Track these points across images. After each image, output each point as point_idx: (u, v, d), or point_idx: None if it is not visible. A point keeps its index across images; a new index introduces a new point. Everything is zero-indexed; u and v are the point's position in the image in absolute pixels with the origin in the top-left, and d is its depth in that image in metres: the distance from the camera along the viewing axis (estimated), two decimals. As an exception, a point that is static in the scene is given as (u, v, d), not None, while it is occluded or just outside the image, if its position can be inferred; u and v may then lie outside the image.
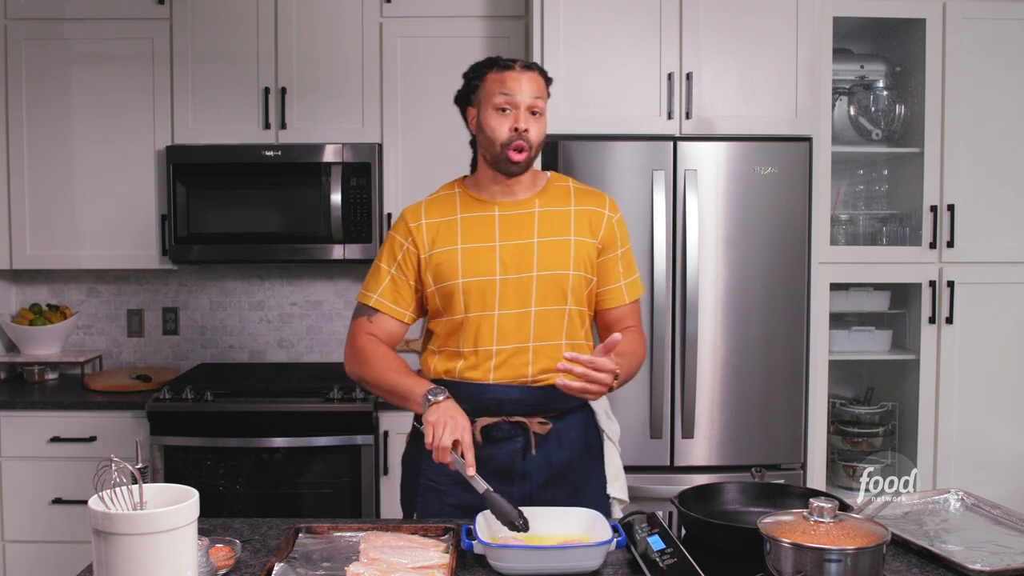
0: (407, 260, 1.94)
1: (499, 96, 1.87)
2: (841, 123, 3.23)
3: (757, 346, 2.84)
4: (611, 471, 2.02)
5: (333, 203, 3.17)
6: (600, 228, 1.96)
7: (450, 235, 1.92)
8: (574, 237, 1.92)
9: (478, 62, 1.95)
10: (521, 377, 1.89)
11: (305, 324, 3.61)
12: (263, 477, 2.98)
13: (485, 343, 1.88)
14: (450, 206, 1.97)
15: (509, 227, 1.92)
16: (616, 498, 2.01)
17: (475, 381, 1.89)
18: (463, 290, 1.88)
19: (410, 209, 1.99)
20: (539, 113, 1.90)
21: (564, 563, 1.52)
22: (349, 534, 1.69)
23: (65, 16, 3.24)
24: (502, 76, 1.88)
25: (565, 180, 2.02)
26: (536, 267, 1.89)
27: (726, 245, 2.82)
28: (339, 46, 3.24)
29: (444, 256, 1.90)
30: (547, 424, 1.90)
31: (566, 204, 1.96)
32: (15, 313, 3.56)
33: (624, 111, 2.85)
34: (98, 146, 3.27)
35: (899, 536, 1.64)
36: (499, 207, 1.94)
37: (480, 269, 1.88)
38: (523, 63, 1.90)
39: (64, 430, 3.05)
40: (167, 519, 1.26)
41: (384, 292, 1.95)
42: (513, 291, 1.88)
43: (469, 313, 1.88)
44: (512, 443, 1.89)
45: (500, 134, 1.87)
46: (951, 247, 3.04)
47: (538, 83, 1.90)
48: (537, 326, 1.88)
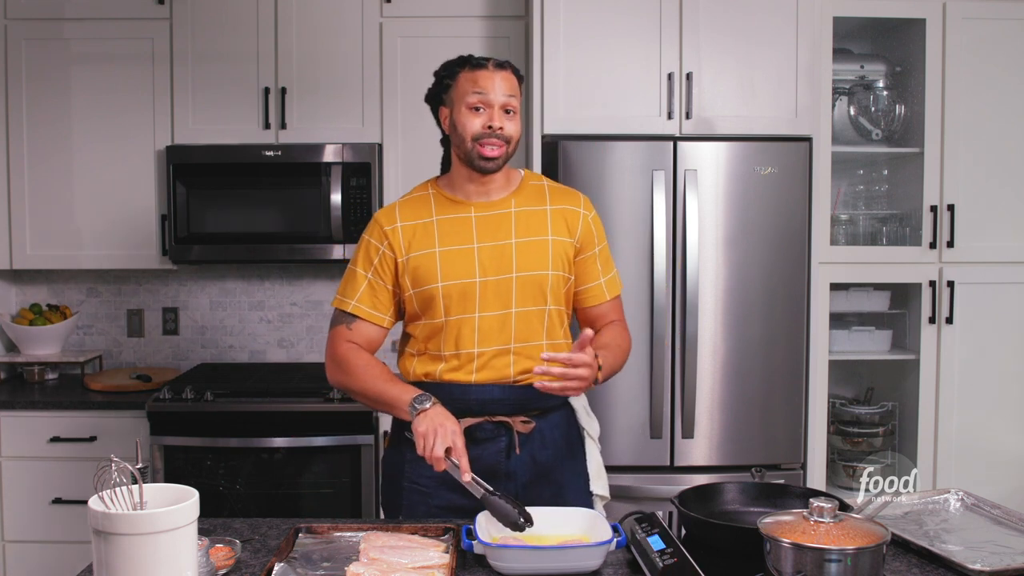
0: (384, 264, 1.92)
1: (472, 95, 1.85)
2: (841, 123, 3.23)
3: (757, 346, 2.84)
4: (593, 468, 2.02)
5: (333, 203, 3.17)
6: (577, 227, 1.95)
7: (427, 238, 1.90)
8: (551, 237, 1.91)
9: (450, 60, 1.92)
10: (503, 378, 1.89)
11: (305, 324, 3.61)
12: (263, 477, 2.98)
13: (466, 346, 1.87)
14: (425, 208, 1.94)
15: (486, 228, 1.90)
16: (599, 495, 2.02)
17: (457, 382, 1.88)
18: (443, 294, 1.87)
19: (383, 212, 1.97)
20: (513, 112, 1.87)
21: (564, 563, 1.52)
22: (349, 534, 1.69)
23: (65, 16, 3.24)
24: (475, 75, 1.86)
25: (540, 179, 2.01)
26: (515, 268, 1.88)
27: (726, 245, 2.82)
28: (339, 46, 3.24)
29: (422, 260, 1.89)
30: (530, 423, 1.90)
31: (542, 203, 1.95)
32: (15, 313, 3.56)
33: (624, 111, 2.85)
34: (98, 146, 3.27)
35: (899, 536, 1.64)
36: (475, 208, 1.92)
37: (459, 272, 1.87)
38: (496, 61, 1.88)
39: (64, 430, 3.05)
40: (167, 519, 1.26)
41: (362, 298, 1.92)
42: (493, 293, 1.87)
43: (449, 316, 1.87)
44: (496, 443, 1.89)
45: (472, 129, 1.85)
46: (951, 247, 3.04)
47: (511, 82, 1.88)
48: (518, 327, 1.88)
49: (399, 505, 1.94)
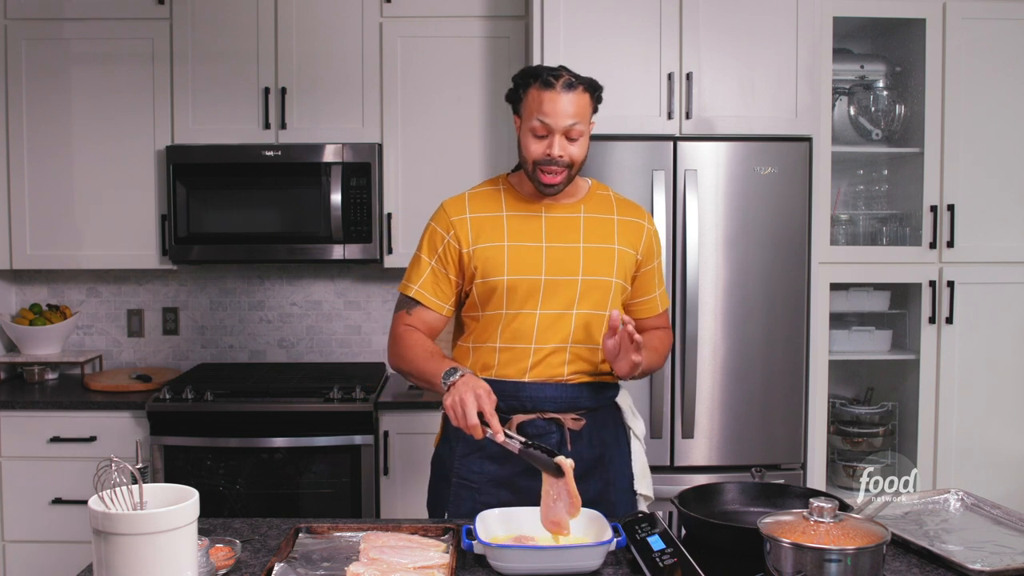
0: (448, 253, 1.95)
1: (535, 120, 1.86)
2: (841, 123, 3.23)
3: (757, 346, 2.84)
4: (638, 468, 2.05)
5: (333, 203, 3.17)
6: (641, 241, 2.00)
7: (496, 231, 1.93)
8: (617, 246, 1.96)
9: (525, 69, 1.92)
10: (556, 376, 1.91)
11: (305, 324, 3.61)
12: (263, 477, 2.98)
13: (524, 340, 1.90)
14: (495, 202, 1.97)
15: (555, 229, 1.94)
16: (643, 494, 2.04)
17: (510, 379, 1.91)
18: (508, 287, 1.89)
19: (451, 201, 1.99)
20: (577, 138, 1.87)
21: (564, 563, 1.52)
22: (349, 534, 1.69)
23: (65, 16, 3.24)
24: (542, 96, 1.85)
25: (606, 189, 2.06)
26: (581, 271, 1.91)
27: (726, 245, 2.82)
28: (339, 46, 3.24)
29: (490, 252, 1.91)
30: (581, 420, 1.93)
31: (609, 212, 1.99)
32: (15, 313, 3.56)
33: (624, 111, 2.85)
34: (98, 146, 3.27)
35: (899, 536, 1.64)
36: (545, 208, 1.96)
37: (526, 268, 1.90)
38: (566, 80, 1.85)
39: (64, 430, 3.05)
40: (167, 519, 1.26)
41: (424, 284, 1.96)
42: (557, 292, 1.90)
43: (510, 310, 1.90)
44: (547, 439, 1.91)
45: (533, 153, 1.88)
46: (951, 247, 3.04)
47: (579, 103, 1.85)
48: (577, 328, 1.91)
49: (445, 500, 1.95)
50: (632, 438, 2.06)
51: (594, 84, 1.90)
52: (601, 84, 1.93)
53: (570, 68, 1.91)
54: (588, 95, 1.88)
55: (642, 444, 2.08)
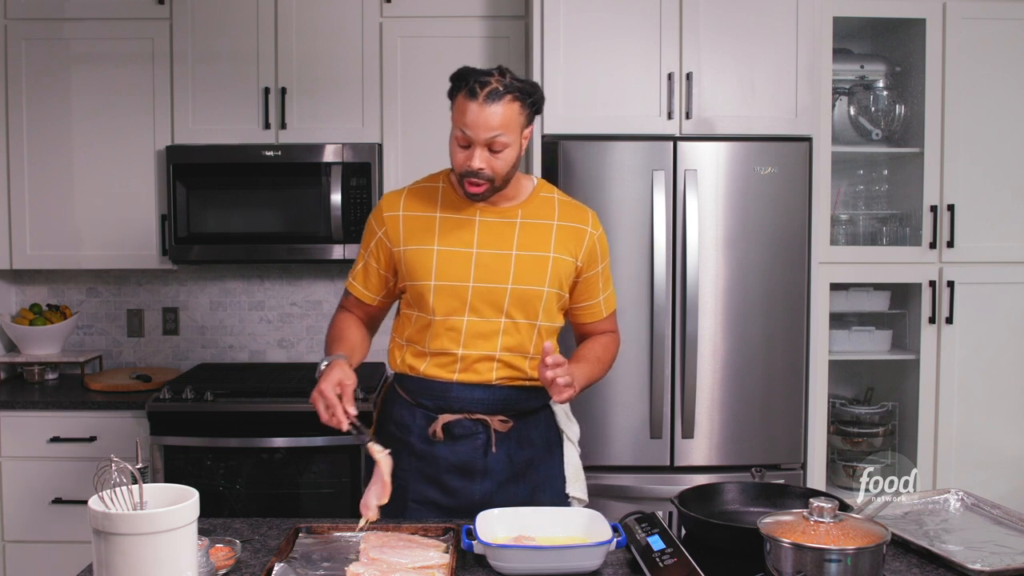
0: (379, 249, 1.95)
1: (457, 129, 1.80)
2: (841, 123, 3.23)
3: (757, 346, 2.84)
4: (570, 471, 2.03)
5: (333, 203, 3.17)
6: (582, 247, 1.94)
7: (427, 233, 1.90)
8: (553, 254, 1.90)
9: (459, 71, 1.81)
10: (485, 381, 1.90)
11: (305, 324, 3.61)
12: (263, 477, 2.98)
13: (451, 347, 1.88)
14: (431, 202, 1.94)
15: (488, 234, 1.89)
16: (576, 497, 2.02)
17: (438, 379, 1.90)
18: (434, 292, 1.87)
19: (389, 197, 1.98)
20: (501, 148, 1.78)
21: (564, 563, 1.52)
22: (349, 534, 1.69)
23: (65, 16, 3.24)
24: (465, 105, 1.76)
25: (551, 190, 1.99)
26: (512, 279, 1.87)
27: (726, 245, 2.82)
28: (339, 46, 3.24)
29: (418, 254, 1.89)
30: (508, 422, 1.91)
31: (549, 217, 1.93)
32: (15, 313, 3.56)
33: (624, 111, 2.85)
34: (98, 146, 3.27)
35: (899, 536, 1.64)
36: (480, 211, 1.91)
37: (453, 274, 1.87)
38: (492, 90, 1.75)
39: (64, 430, 3.05)
40: (167, 519, 1.26)
41: (356, 275, 2.01)
42: (485, 300, 1.87)
43: (437, 316, 1.88)
44: (473, 440, 1.90)
45: (456, 162, 1.84)
46: (951, 247, 3.04)
47: (505, 114, 1.76)
48: (505, 337, 1.88)
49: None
50: (566, 441, 2.04)
51: (527, 91, 1.79)
52: (540, 89, 1.83)
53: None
54: (518, 104, 1.77)
55: (576, 447, 2.06)
